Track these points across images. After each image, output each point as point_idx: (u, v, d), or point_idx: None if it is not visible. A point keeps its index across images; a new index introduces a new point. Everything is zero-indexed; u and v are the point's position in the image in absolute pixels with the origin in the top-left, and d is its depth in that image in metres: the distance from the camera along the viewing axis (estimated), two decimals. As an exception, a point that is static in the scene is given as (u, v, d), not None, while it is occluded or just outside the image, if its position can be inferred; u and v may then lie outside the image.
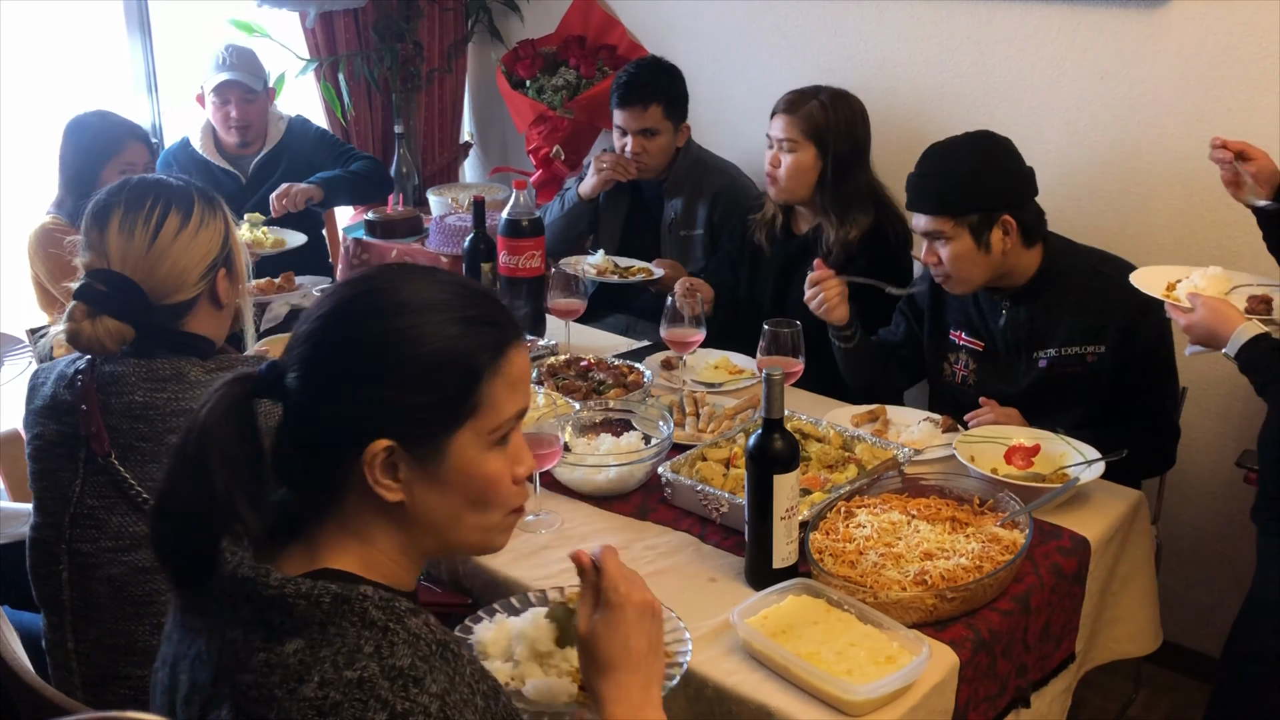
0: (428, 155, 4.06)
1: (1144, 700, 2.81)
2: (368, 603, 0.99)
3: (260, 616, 0.98)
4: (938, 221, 2.21)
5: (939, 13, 3.02)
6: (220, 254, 1.72)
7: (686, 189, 3.18)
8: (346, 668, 0.95)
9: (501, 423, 1.08)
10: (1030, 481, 2.02)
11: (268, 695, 0.95)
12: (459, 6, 4.00)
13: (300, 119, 3.58)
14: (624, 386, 2.43)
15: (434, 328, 1.05)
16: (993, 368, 2.37)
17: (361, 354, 1.04)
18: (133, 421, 1.63)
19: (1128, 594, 2.09)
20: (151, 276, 1.65)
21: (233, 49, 3.33)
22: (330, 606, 0.98)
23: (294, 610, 0.98)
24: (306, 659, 0.96)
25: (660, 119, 3.10)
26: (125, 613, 1.65)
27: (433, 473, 1.06)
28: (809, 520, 1.84)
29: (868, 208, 2.73)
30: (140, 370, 1.64)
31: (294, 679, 0.95)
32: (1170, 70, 2.67)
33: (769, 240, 2.86)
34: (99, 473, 1.65)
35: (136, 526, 1.64)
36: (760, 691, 1.56)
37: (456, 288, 1.10)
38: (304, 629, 0.97)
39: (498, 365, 1.07)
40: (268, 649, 0.97)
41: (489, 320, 1.08)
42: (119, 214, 1.65)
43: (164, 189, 1.69)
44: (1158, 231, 2.78)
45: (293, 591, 0.98)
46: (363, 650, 0.96)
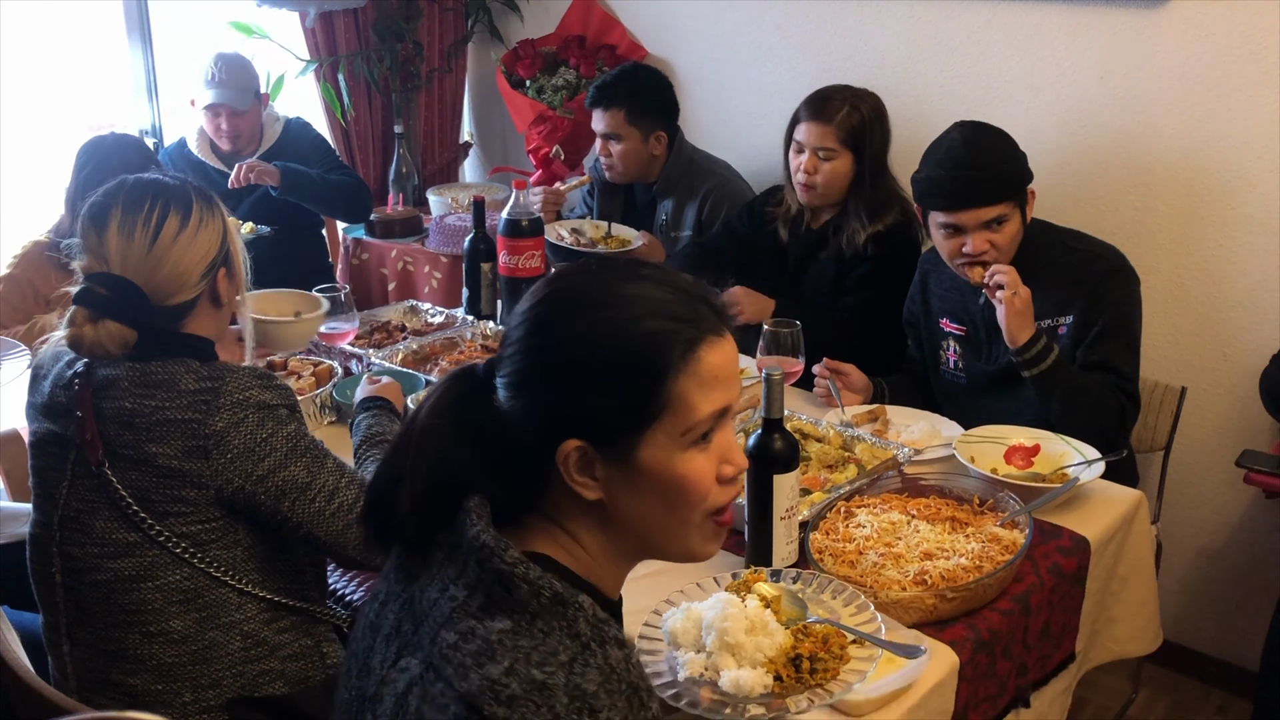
0: (428, 155, 4.06)
1: (1144, 700, 2.81)
2: (581, 614, 0.99)
3: (486, 585, 1.00)
4: (1000, 207, 2.25)
5: (939, 13, 3.02)
6: (220, 253, 1.70)
7: (677, 191, 3.18)
8: (537, 667, 0.95)
9: (696, 423, 1.05)
10: (1030, 481, 2.02)
11: (458, 660, 0.97)
12: (459, 6, 4.00)
13: (299, 121, 3.57)
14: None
15: (621, 327, 1.04)
16: (975, 351, 2.42)
17: (550, 357, 1.05)
18: (120, 428, 1.60)
19: (1128, 594, 2.09)
20: (152, 278, 1.63)
21: (222, 62, 3.28)
22: (548, 601, 0.99)
23: (515, 591, 0.99)
24: (506, 642, 0.97)
25: (622, 124, 3.10)
26: (115, 620, 1.64)
27: (627, 473, 1.05)
28: (809, 520, 1.84)
29: (894, 204, 2.75)
30: (134, 375, 1.62)
31: (487, 655, 0.96)
32: (1170, 70, 2.67)
33: (790, 234, 2.87)
34: (86, 476, 1.63)
35: (120, 534, 1.61)
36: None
37: (653, 284, 1.07)
38: (516, 612, 0.98)
39: (688, 364, 1.04)
40: (479, 618, 0.99)
41: (681, 316, 1.05)
42: (117, 216, 1.63)
43: (162, 189, 1.68)
44: (1158, 231, 2.78)
45: (522, 574, 0.99)
46: (557, 657, 0.96)
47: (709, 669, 1.39)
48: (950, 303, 2.46)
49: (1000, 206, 2.25)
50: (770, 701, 1.34)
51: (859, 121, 2.69)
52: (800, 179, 2.73)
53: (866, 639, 1.43)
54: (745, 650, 1.40)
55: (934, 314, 2.51)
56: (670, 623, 1.45)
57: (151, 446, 1.59)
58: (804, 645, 1.40)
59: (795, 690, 1.36)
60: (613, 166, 3.17)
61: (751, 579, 1.50)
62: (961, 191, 2.26)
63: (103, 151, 2.74)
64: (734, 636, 1.39)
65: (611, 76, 3.17)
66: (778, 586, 1.49)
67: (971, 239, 2.27)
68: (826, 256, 2.79)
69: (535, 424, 1.05)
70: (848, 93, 2.73)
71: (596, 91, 3.12)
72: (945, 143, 2.29)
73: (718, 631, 1.39)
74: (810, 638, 1.42)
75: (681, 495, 1.06)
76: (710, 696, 1.35)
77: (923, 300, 2.54)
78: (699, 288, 1.10)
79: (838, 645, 1.43)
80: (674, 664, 1.39)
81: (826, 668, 1.40)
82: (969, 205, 2.25)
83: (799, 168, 2.72)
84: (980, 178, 2.24)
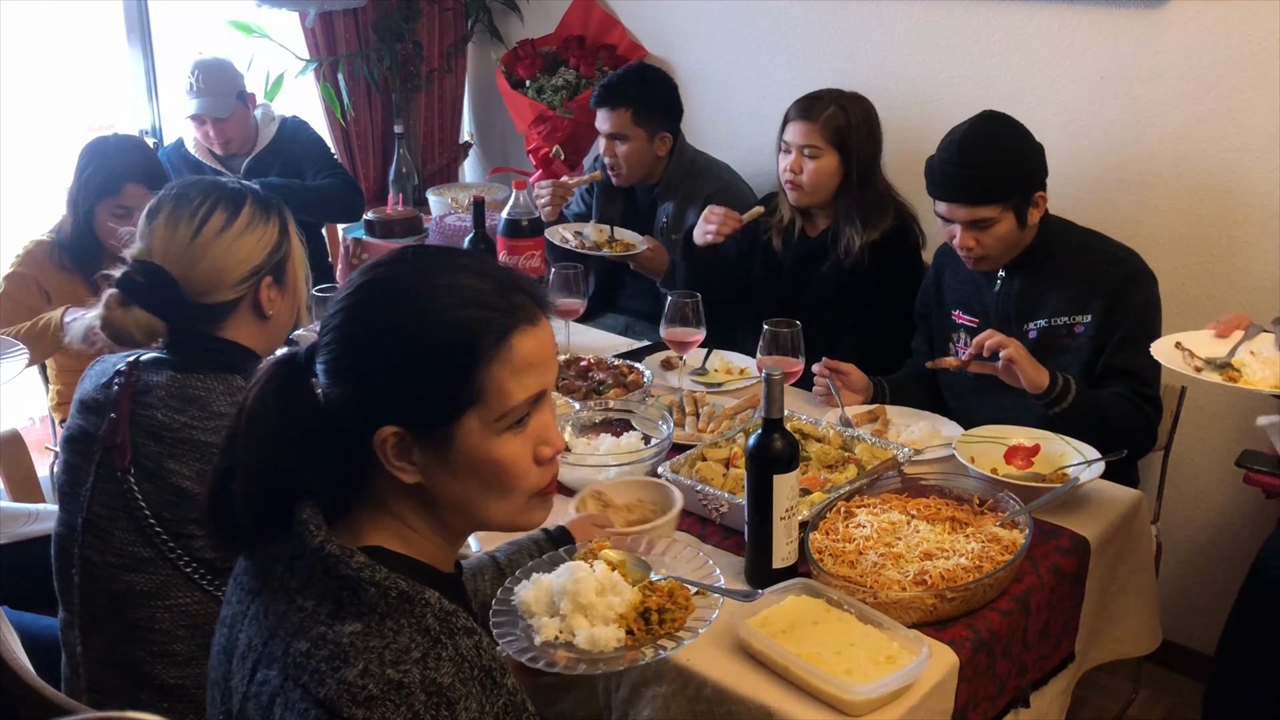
0: (427, 155, 4.06)
1: (1144, 700, 2.81)
2: (428, 610, 1.02)
3: (333, 592, 1.02)
4: (985, 209, 2.23)
5: (939, 13, 3.02)
6: (268, 261, 1.69)
7: (679, 193, 3.17)
8: (391, 666, 0.97)
9: (510, 409, 1.08)
10: (1030, 481, 2.02)
11: (313, 667, 0.98)
12: (459, 6, 3.99)
13: (295, 121, 3.58)
14: (624, 386, 2.43)
15: (434, 316, 1.06)
16: None
17: (364, 345, 1.07)
18: (146, 438, 1.60)
19: (1128, 594, 2.09)
20: (189, 272, 1.64)
21: (198, 70, 3.30)
22: (395, 600, 1.01)
23: (363, 595, 1.01)
24: (358, 644, 0.98)
25: (629, 124, 3.07)
26: (125, 634, 1.64)
27: (444, 458, 1.07)
28: (809, 520, 1.84)
29: (887, 210, 2.73)
30: (172, 386, 1.61)
31: (340, 659, 0.98)
32: (1170, 70, 2.67)
33: (784, 244, 2.86)
34: (110, 481, 1.62)
35: (137, 547, 1.61)
36: (760, 691, 1.56)
37: (469, 274, 1.09)
38: (365, 615, 1.00)
39: (500, 352, 1.06)
40: (329, 624, 1.00)
41: (494, 306, 1.07)
42: (169, 207, 1.66)
43: (217, 188, 1.70)
44: (1158, 231, 2.78)
45: (368, 577, 1.02)
46: (410, 654, 0.98)
47: (564, 631, 1.44)
48: (965, 294, 2.46)
49: (986, 209, 2.23)
50: (624, 654, 1.41)
51: (844, 121, 2.68)
52: (786, 178, 2.73)
53: (706, 589, 1.49)
54: (597, 610, 1.45)
55: (947, 305, 2.51)
56: (522, 593, 1.48)
57: (170, 463, 1.58)
58: (652, 600, 1.46)
59: (647, 641, 1.43)
60: (616, 167, 3.14)
61: (598, 547, 1.55)
62: (949, 185, 2.26)
63: (104, 152, 2.74)
64: (585, 598, 1.44)
65: (618, 76, 3.14)
66: (621, 551, 1.55)
67: (960, 233, 2.27)
68: (827, 269, 2.77)
69: (353, 411, 1.07)
70: (836, 94, 2.72)
71: (603, 91, 3.09)
72: (956, 131, 2.29)
73: (569, 595, 1.44)
74: (656, 593, 1.48)
75: (498, 478, 1.09)
76: (567, 655, 1.41)
77: (936, 292, 2.54)
78: (516, 276, 1.11)
79: (683, 597, 1.49)
80: (529, 630, 1.45)
81: (674, 618, 1.46)
82: (954, 199, 2.26)
83: (786, 167, 2.73)
84: (969, 176, 2.23)
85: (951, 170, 2.25)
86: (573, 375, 2.47)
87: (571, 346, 2.71)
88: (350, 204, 3.56)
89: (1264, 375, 1.83)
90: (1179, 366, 1.94)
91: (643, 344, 2.86)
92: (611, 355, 2.65)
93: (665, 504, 1.86)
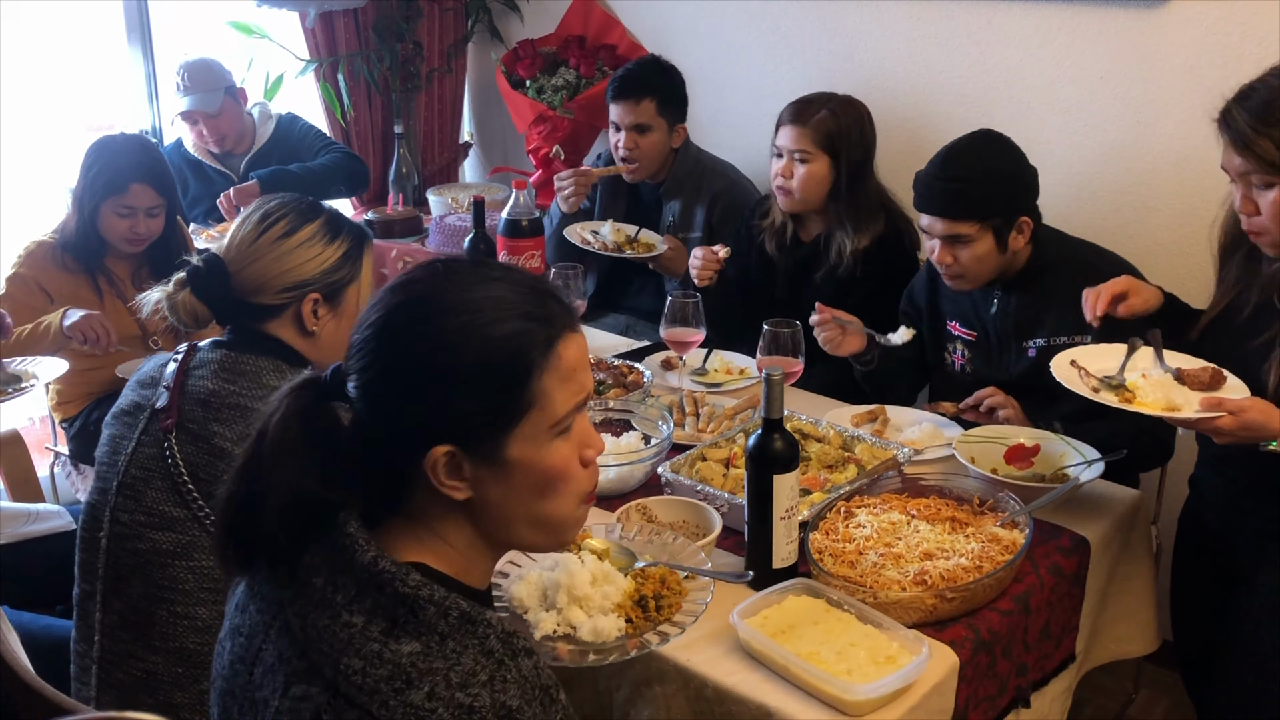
0: (428, 155, 4.06)
1: (1144, 700, 2.81)
2: (491, 631, 1.00)
3: (387, 609, 0.99)
4: (962, 225, 2.20)
5: (939, 13, 3.02)
6: (319, 279, 1.73)
7: (685, 191, 3.16)
8: (460, 689, 0.96)
9: (560, 417, 1.07)
10: (1030, 481, 2.02)
11: (372, 686, 0.95)
12: (459, 6, 4.00)
13: (289, 116, 3.60)
14: (624, 386, 2.43)
15: (478, 331, 1.04)
16: (985, 357, 2.40)
17: (408, 366, 1.04)
18: (195, 405, 1.68)
19: (1128, 594, 2.09)
20: (243, 270, 1.72)
21: (185, 70, 3.35)
22: (456, 621, 0.99)
23: (421, 614, 0.99)
24: (420, 665, 0.96)
25: (653, 115, 3.07)
26: (148, 593, 1.68)
27: (496, 470, 1.06)
28: (809, 520, 1.84)
29: (879, 214, 2.72)
30: (226, 360, 1.71)
31: (403, 680, 0.95)
32: (1170, 70, 2.67)
33: (778, 248, 2.85)
34: (151, 445, 1.70)
35: (167, 506, 1.67)
36: (760, 691, 1.56)
37: (504, 285, 1.07)
38: (425, 634, 0.98)
39: (547, 360, 1.06)
40: (383, 642, 0.98)
41: (535, 316, 1.06)
42: (256, 211, 1.76)
43: (300, 202, 1.78)
44: (1158, 231, 2.78)
45: (427, 595, 1.00)
46: (478, 677, 0.97)
47: (561, 624, 1.45)
48: (961, 306, 2.43)
49: (963, 225, 2.20)
50: (626, 642, 1.42)
51: (835, 126, 2.66)
52: (777, 183, 2.72)
53: (696, 573, 1.51)
54: (594, 601, 1.47)
55: (943, 315, 2.48)
56: (511, 588, 1.48)
57: (215, 426, 1.66)
58: (646, 587, 1.48)
59: (646, 628, 1.45)
60: (635, 160, 3.11)
61: (580, 537, 1.56)
62: (930, 196, 2.24)
63: (111, 151, 2.75)
64: (581, 589, 1.46)
65: (637, 67, 3.11)
66: (604, 540, 1.56)
67: (938, 248, 2.26)
68: (822, 277, 2.76)
69: (398, 432, 1.04)
70: (828, 98, 2.71)
71: (624, 83, 3.06)
72: (949, 144, 2.28)
73: (564, 588, 1.46)
74: (649, 579, 1.49)
75: (551, 484, 1.08)
76: (569, 649, 1.42)
77: (930, 296, 2.50)
78: (546, 284, 1.11)
79: (674, 581, 1.51)
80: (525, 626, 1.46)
81: (670, 603, 1.48)
82: (933, 211, 2.24)
83: (776, 172, 2.72)
84: (950, 189, 2.21)
85: (934, 182, 2.24)
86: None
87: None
88: (353, 173, 3.61)
89: (1155, 399, 1.88)
90: (1077, 387, 1.95)
91: (643, 344, 2.86)
92: (611, 355, 2.65)
93: (706, 527, 1.85)
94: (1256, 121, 1.79)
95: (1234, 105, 1.84)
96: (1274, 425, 1.76)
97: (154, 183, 2.75)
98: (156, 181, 2.77)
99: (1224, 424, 1.78)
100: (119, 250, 2.82)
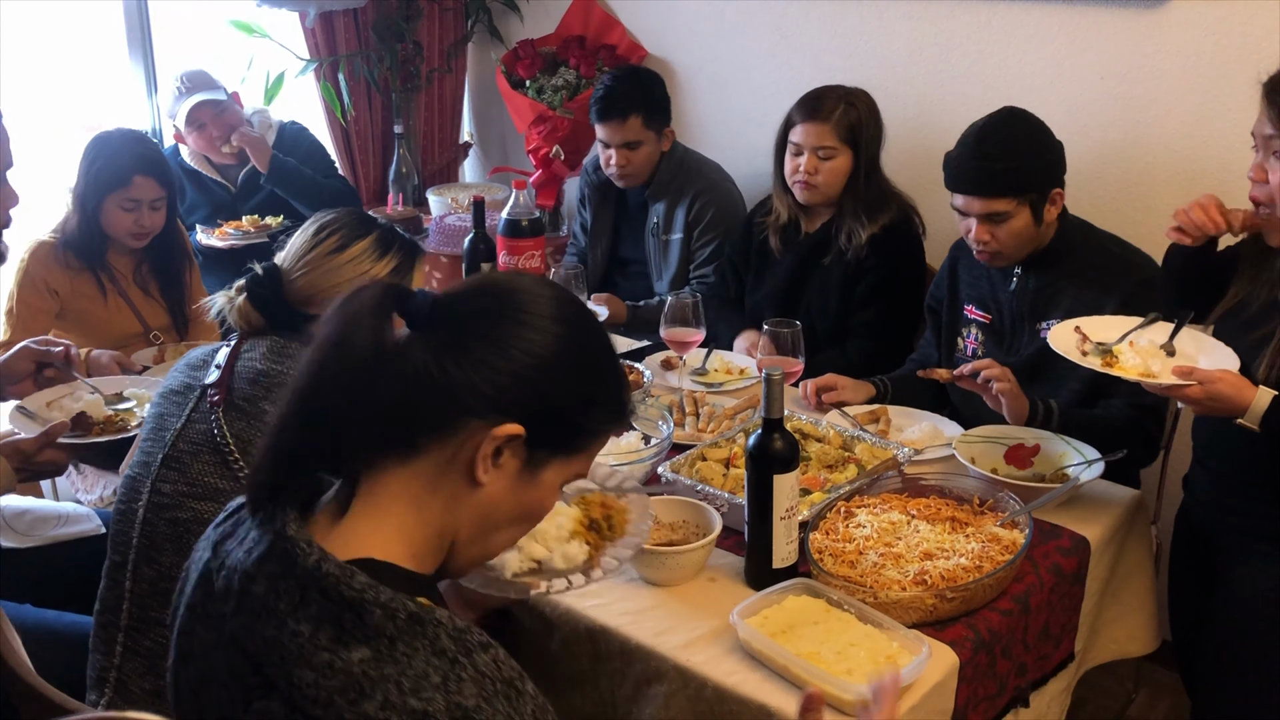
0: (428, 155, 4.06)
1: (1144, 700, 2.81)
2: (441, 630, 0.97)
3: (333, 615, 0.96)
4: (1000, 202, 2.23)
5: (939, 13, 3.02)
6: None
7: (669, 193, 3.18)
8: (412, 695, 0.93)
9: (580, 474, 1.15)
10: (1030, 481, 2.02)
11: (326, 699, 0.94)
12: (459, 6, 3.99)
13: (295, 126, 3.58)
14: (624, 386, 2.43)
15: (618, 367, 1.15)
16: (997, 340, 2.41)
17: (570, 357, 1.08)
18: (245, 383, 1.73)
19: (1127, 594, 2.10)
20: (295, 281, 1.79)
21: (183, 76, 3.33)
22: (405, 623, 0.96)
23: (368, 618, 0.96)
24: (371, 673, 0.94)
25: (640, 130, 3.08)
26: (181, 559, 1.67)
27: (524, 476, 1.09)
28: (809, 520, 1.84)
29: (890, 202, 2.74)
30: (276, 345, 1.76)
31: (355, 691, 0.93)
32: (1170, 70, 2.67)
33: (782, 242, 2.86)
34: (201, 421, 1.74)
35: (213, 478, 1.70)
36: (760, 691, 1.56)
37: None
38: (373, 639, 0.95)
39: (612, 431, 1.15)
40: (332, 650, 0.95)
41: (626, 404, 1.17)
42: (314, 223, 1.83)
43: (358, 218, 1.85)
44: (1158, 231, 2.75)
45: (373, 598, 0.96)
46: (430, 679, 0.94)
47: (524, 560, 1.49)
48: (979, 290, 2.46)
49: (1001, 201, 2.23)
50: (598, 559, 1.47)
51: (856, 118, 2.69)
52: (800, 179, 2.72)
53: (626, 492, 1.59)
54: (549, 533, 1.51)
55: (960, 299, 2.50)
56: None
57: (266, 404, 1.70)
58: (593, 511, 1.53)
59: (605, 547, 1.50)
60: (629, 174, 3.15)
61: None
62: (966, 176, 2.26)
63: (111, 145, 2.75)
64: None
65: (617, 85, 3.10)
66: None
67: (975, 227, 2.27)
68: (830, 262, 2.77)
69: (494, 394, 1.04)
70: (840, 91, 2.73)
71: (607, 104, 3.07)
72: (976, 125, 2.30)
73: None
74: (590, 505, 1.54)
75: (532, 514, 1.14)
76: (548, 581, 1.46)
77: (950, 284, 2.53)
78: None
79: (613, 503, 1.58)
80: (491, 571, 1.49)
81: (618, 521, 1.55)
82: (970, 191, 2.26)
83: (797, 169, 2.72)
84: (986, 168, 2.23)
85: (969, 162, 2.25)
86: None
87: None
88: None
89: (1133, 364, 1.94)
90: (1068, 351, 2.00)
91: (643, 344, 2.87)
92: (611, 355, 2.65)
93: (706, 527, 1.86)
94: None
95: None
96: (1243, 399, 1.81)
97: (156, 175, 2.76)
98: (158, 173, 2.77)
99: (1192, 393, 1.84)
100: (121, 246, 2.82)
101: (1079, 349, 2.00)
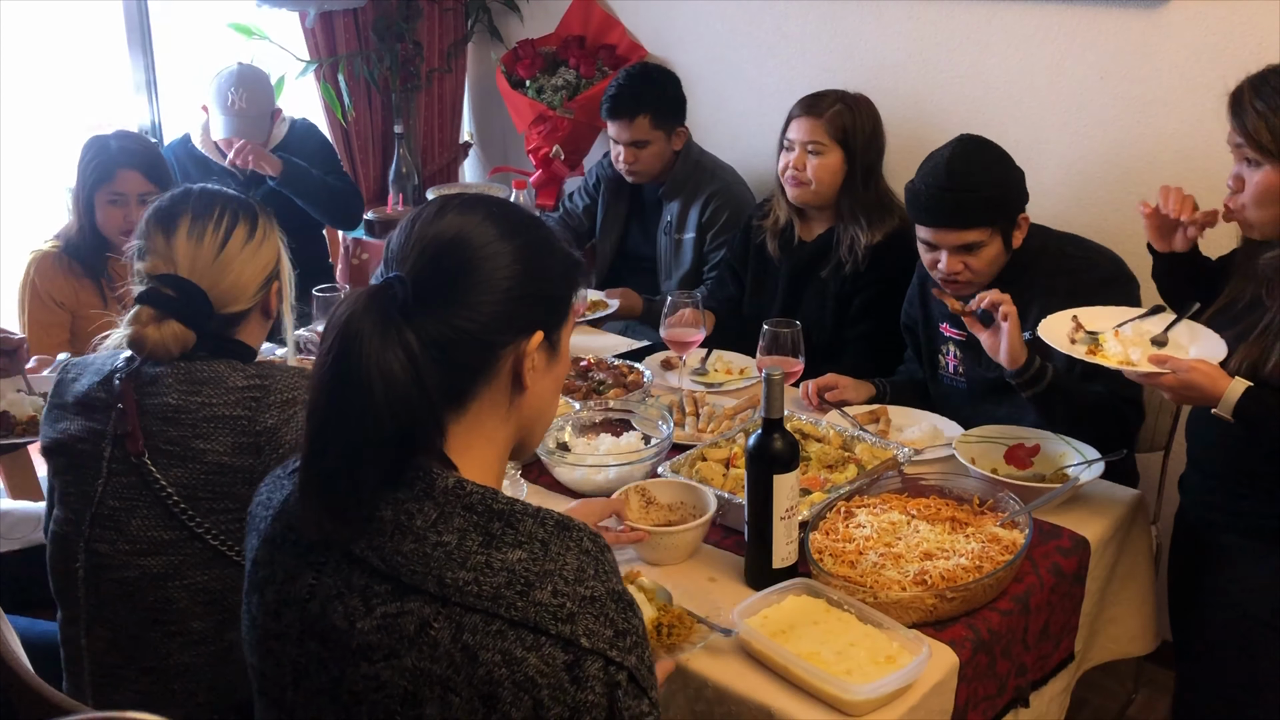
0: (428, 155, 4.06)
1: (1144, 700, 2.81)
2: (583, 534, 1.10)
3: (479, 526, 1.07)
4: (975, 232, 2.21)
5: (939, 13, 3.02)
6: (276, 267, 1.77)
7: (684, 192, 3.17)
8: (578, 584, 1.05)
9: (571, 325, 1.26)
10: (1030, 481, 2.02)
11: (492, 593, 1.03)
12: (459, 6, 3.99)
13: (306, 123, 3.57)
14: (624, 386, 2.43)
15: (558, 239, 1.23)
16: (974, 356, 2.39)
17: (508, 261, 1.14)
18: (163, 424, 1.61)
19: (1127, 594, 2.10)
20: (217, 285, 1.68)
21: (242, 89, 3.22)
22: (554, 529, 1.08)
23: (519, 526, 1.07)
24: (534, 569, 1.05)
25: (649, 129, 3.08)
26: (137, 618, 1.64)
27: (552, 358, 1.21)
28: (809, 520, 1.84)
29: (891, 212, 2.72)
30: (178, 373, 1.63)
31: (522, 583, 1.04)
32: (1170, 70, 2.67)
33: (780, 248, 2.85)
34: (126, 473, 1.63)
35: (157, 531, 1.61)
36: (760, 691, 1.56)
37: None
38: (525, 544, 1.06)
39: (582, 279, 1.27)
40: (487, 553, 1.05)
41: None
42: (187, 220, 1.68)
43: (229, 199, 1.74)
44: (1157, 231, 2.77)
45: (522, 510, 1.09)
46: (586, 571, 1.07)
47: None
48: (949, 309, 2.43)
49: (975, 232, 2.21)
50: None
51: (851, 119, 2.67)
52: (790, 174, 2.72)
53: (704, 623, 1.63)
54: None
55: (934, 319, 2.48)
56: None
57: (199, 443, 1.60)
58: (665, 618, 1.61)
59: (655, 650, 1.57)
60: (637, 171, 3.15)
61: (634, 574, 1.71)
62: (937, 210, 2.23)
63: (102, 142, 2.73)
64: None
65: (629, 83, 3.10)
66: (654, 581, 1.70)
67: (946, 259, 2.25)
68: (827, 273, 2.76)
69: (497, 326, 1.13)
70: (841, 93, 2.72)
71: (616, 102, 3.07)
72: (936, 156, 2.27)
73: None
74: (669, 613, 1.62)
75: (563, 377, 1.28)
76: None
77: (921, 305, 2.51)
78: None
79: (690, 621, 1.63)
80: None
81: (678, 635, 1.61)
82: (943, 224, 2.23)
83: (788, 164, 2.72)
84: (958, 200, 2.21)
85: (941, 194, 2.22)
86: (573, 375, 2.47)
87: (571, 346, 2.71)
88: (352, 210, 3.55)
89: (1115, 352, 1.96)
90: (1056, 340, 2.01)
91: (643, 344, 2.87)
92: (611, 355, 2.65)
93: (702, 508, 1.91)
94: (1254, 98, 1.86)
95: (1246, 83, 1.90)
96: (1216, 389, 1.82)
97: (144, 169, 2.71)
98: (146, 167, 2.71)
99: (1167, 381, 1.85)
100: (118, 249, 2.81)
101: (1070, 337, 2.01)
